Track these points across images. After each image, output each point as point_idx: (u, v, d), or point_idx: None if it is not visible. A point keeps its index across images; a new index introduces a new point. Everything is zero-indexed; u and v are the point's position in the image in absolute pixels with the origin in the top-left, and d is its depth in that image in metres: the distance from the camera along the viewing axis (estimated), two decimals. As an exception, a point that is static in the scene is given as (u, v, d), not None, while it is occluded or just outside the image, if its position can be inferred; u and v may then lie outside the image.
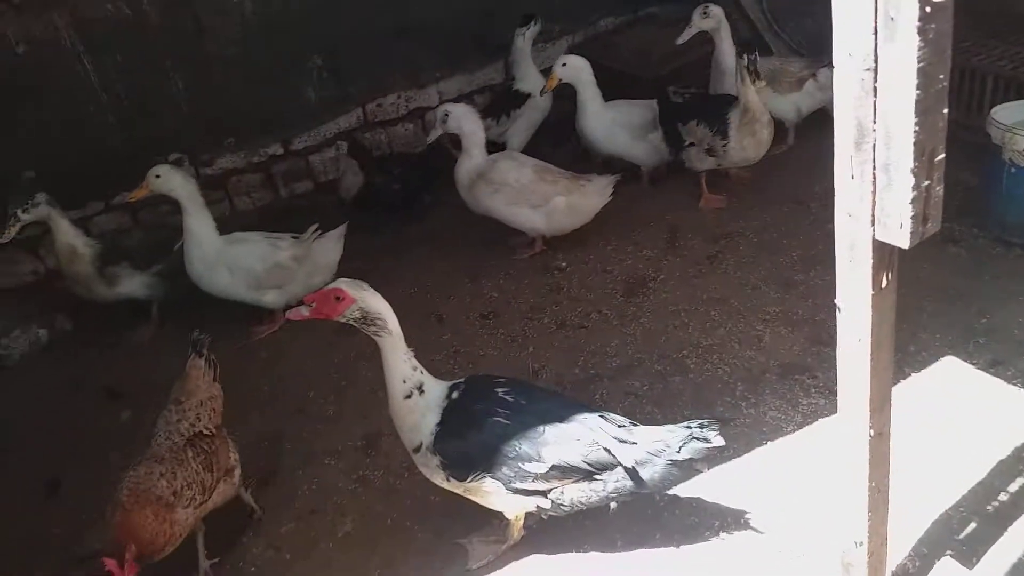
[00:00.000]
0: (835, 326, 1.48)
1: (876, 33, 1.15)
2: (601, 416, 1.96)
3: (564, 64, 3.60)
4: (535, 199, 3.28)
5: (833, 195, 1.35)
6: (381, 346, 1.95)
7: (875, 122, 1.21)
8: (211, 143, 3.85)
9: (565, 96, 3.80)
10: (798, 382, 2.53)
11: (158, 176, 3.04)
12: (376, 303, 1.91)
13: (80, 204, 3.61)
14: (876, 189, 1.27)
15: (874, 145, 1.24)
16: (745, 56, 3.18)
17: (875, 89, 1.19)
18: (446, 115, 3.27)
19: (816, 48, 4.03)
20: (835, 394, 1.55)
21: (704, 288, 3.02)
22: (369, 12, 3.96)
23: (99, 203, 3.67)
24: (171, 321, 3.38)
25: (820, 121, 3.65)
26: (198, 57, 3.68)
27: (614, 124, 3.69)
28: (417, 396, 1.97)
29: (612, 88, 3.99)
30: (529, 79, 4.01)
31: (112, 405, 3.00)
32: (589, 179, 3.34)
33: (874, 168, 1.25)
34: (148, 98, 3.64)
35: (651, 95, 3.74)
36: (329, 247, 3.24)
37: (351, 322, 1.91)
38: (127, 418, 2.93)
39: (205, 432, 2.23)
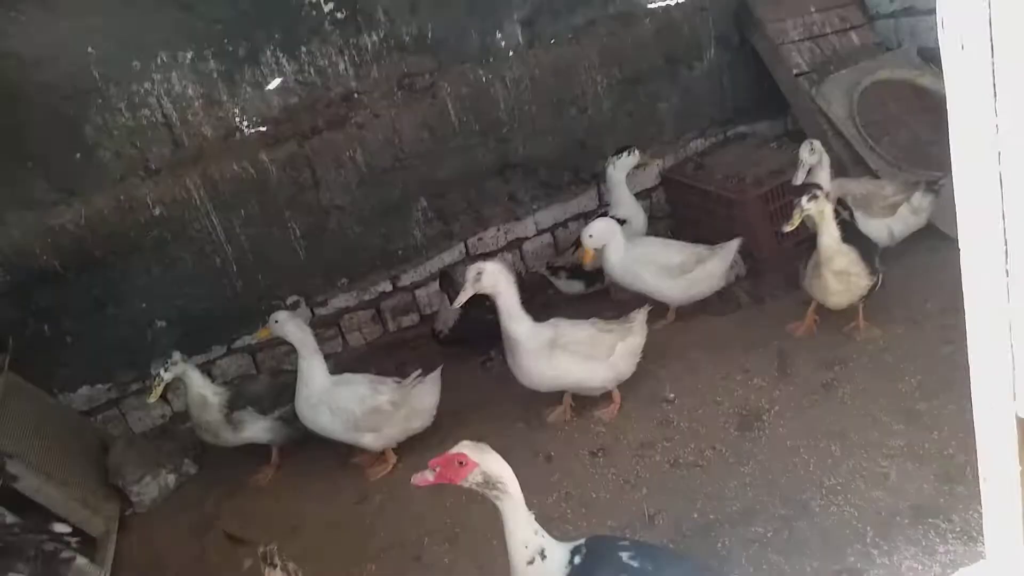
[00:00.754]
0: (967, 460, 1.42)
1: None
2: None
3: (591, 235, 3.61)
4: (600, 352, 3.22)
5: (950, 313, 1.32)
6: (502, 509, 1.96)
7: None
8: (325, 284, 4.08)
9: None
10: (932, 526, 2.38)
11: (276, 321, 3.27)
12: (498, 467, 1.93)
13: (205, 348, 3.85)
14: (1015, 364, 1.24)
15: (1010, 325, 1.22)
16: (805, 196, 3.09)
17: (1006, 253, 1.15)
18: (479, 274, 3.09)
19: (912, 159, 3.99)
20: (973, 540, 1.47)
21: (821, 420, 2.93)
22: (473, 155, 4.19)
23: (222, 347, 3.90)
24: (289, 462, 3.50)
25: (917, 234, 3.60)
26: (314, 207, 3.94)
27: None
28: (539, 561, 1.96)
29: (703, 211, 4.03)
30: (623, 206, 4.11)
31: (234, 551, 3.08)
32: (630, 318, 3.30)
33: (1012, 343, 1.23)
34: (268, 247, 3.90)
35: (746, 218, 3.75)
36: (427, 391, 3.32)
37: (473, 486, 1.94)
38: (248, 567, 3.02)
39: None
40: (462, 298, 3.12)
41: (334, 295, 4.11)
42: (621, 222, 4.07)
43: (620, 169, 4.10)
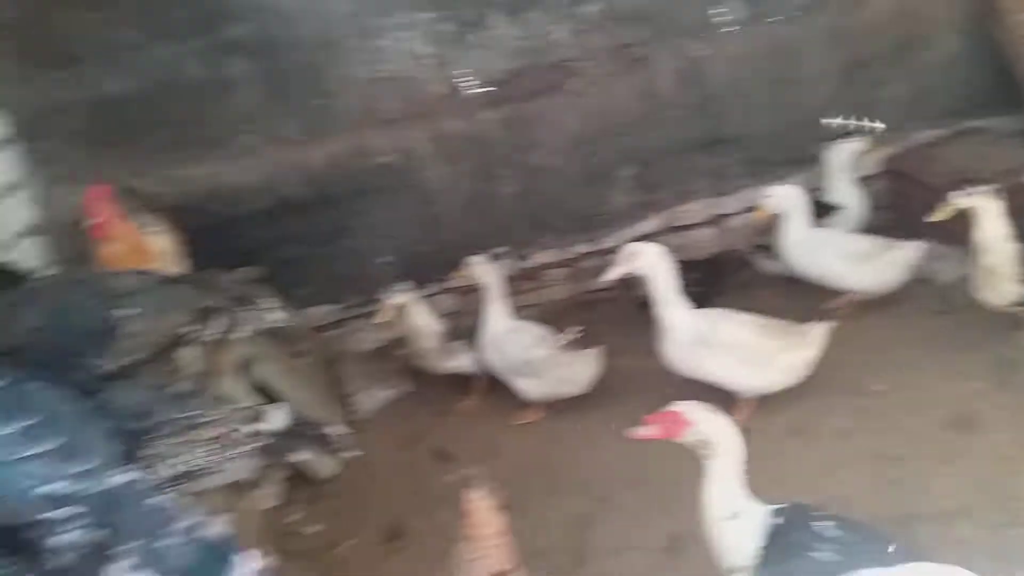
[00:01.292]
0: None
1: None
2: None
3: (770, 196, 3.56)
4: (756, 358, 3.10)
5: None
6: (709, 466, 2.04)
7: None
8: (530, 239, 4.29)
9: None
10: None
11: (469, 265, 3.59)
12: (717, 429, 2.01)
13: (421, 285, 4.14)
14: None
15: None
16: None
17: None
18: (635, 254, 3.08)
19: None
20: None
21: (1045, 433, 2.78)
22: (683, 127, 4.23)
23: (436, 286, 4.20)
24: (494, 393, 3.76)
25: None
26: (526, 166, 4.15)
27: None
28: (737, 519, 2.02)
29: (926, 207, 3.85)
30: (839, 192, 3.99)
31: (441, 465, 3.38)
32: (806, 328, 3.13)
33: None
34: (481, 200, 4.16)
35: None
36: (583, 362, 3.43)
37: (687, 444, 2.03)
38: (450, 481, 3.28)
39: (505, 570, 2.25)
40: (612, 275, 3.17)
41: (537, 250, 4.31)
42: (833, 208, 3.98)
43: (843, 154, 3.99)
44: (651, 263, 3.10)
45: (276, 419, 1.95)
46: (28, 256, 3.64)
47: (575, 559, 2.79)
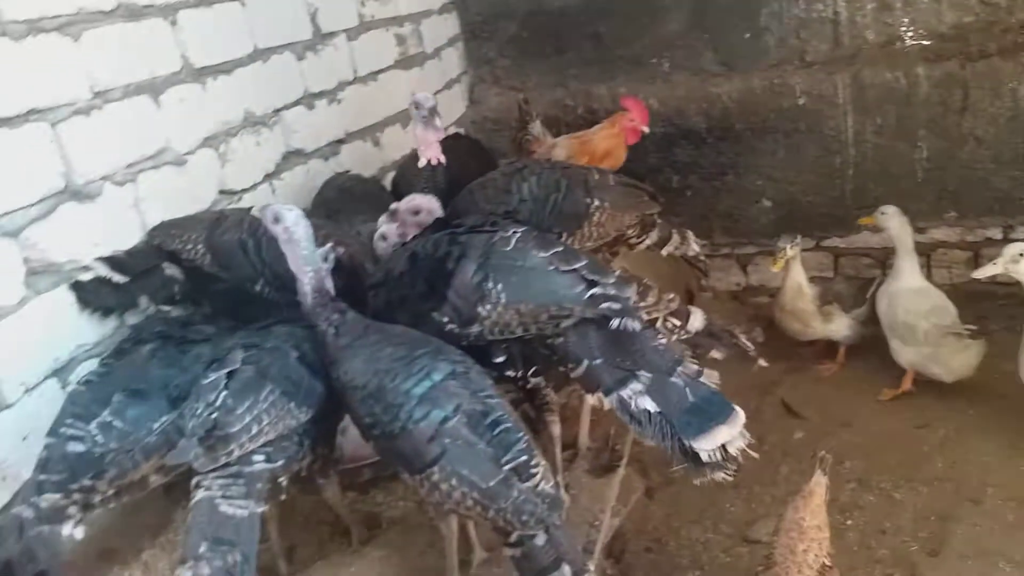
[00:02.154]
0: None
1: None
2: None
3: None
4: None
5: None
6: None
7: None
8: (930, 212, 3.94)
9: None
10: None
11: (883, 213, 3.44)
12: None
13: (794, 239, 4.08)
14: None
15: None
16: None
17: None
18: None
19: None
20: None
21: None
22: None
23: (811, 241, 4.08)
24: (854, 361, 3.66)
25: None
26: (952, 132, 3.78)
27: None
28: None
29: None
30: None
31: (787, 420, 3.37)
32: None
33: None
34: (890, 159, 3.89)
35: None
36: (963, 354, 3.22)
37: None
38: (798, 438, 3.28)
39: (828, 564, 2.08)
40: (984, 272, 3.07)
41: (936, 226, 3.96)
42: None
43: None
44: None
45: (696, 319, 2.09)
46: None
47: (927, 551, 2.66)
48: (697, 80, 4.02)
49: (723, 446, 1.61)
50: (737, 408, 1.66)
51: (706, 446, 1.60)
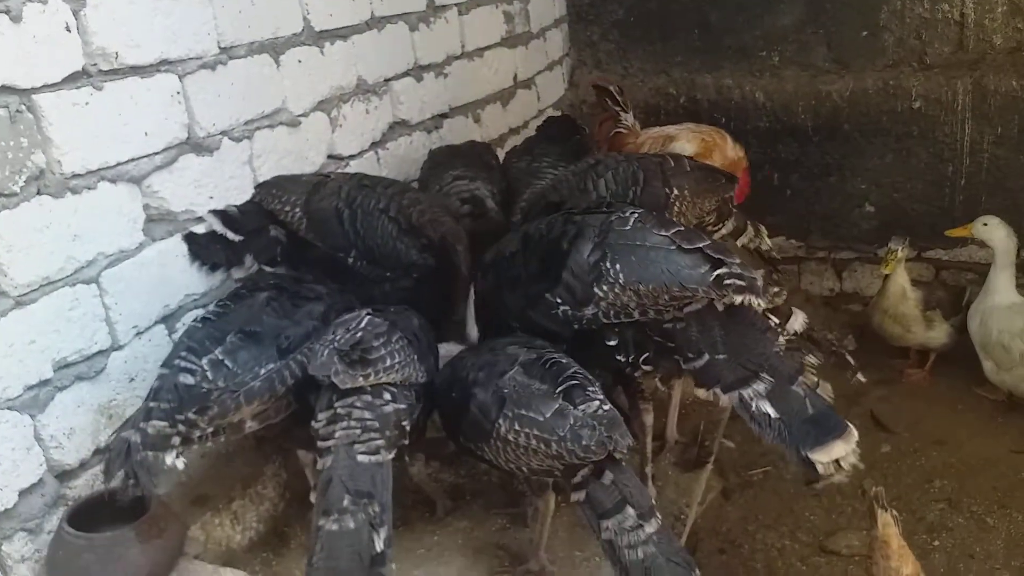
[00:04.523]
0: None
1: None
2: None
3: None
4: None
5: None
6: None
7: None
8: (1045, 230, 3.75)
9: None
10: None
11: (985, 224, 3.28)
12: None
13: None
14: None
15: None
16: None
17: None
18: None
19: None
20: None
21: None
22: None
23: (912, 251, 3.91)
24: (946, 377, 3.52)
25: None
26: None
27: None
28: None
29: None
30: None
31: (875, 434, 3.25)
32: None
33: None
34: (1008, 172, 3.69)
35: None
36: None
37: None
38: (884, 452, 3.16)
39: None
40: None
41: (1046, 245, 3.76)
42: None
43: None
44: None
45: (797, 320, 2.03)
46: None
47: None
48: (807, 76, 3.88)
49: (837, 461, 1.61)
50: (851, 425, 1.65)
51: (823, 459, 1.60)
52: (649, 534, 1.55)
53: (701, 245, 1.69)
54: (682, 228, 1.75)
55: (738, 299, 1.64)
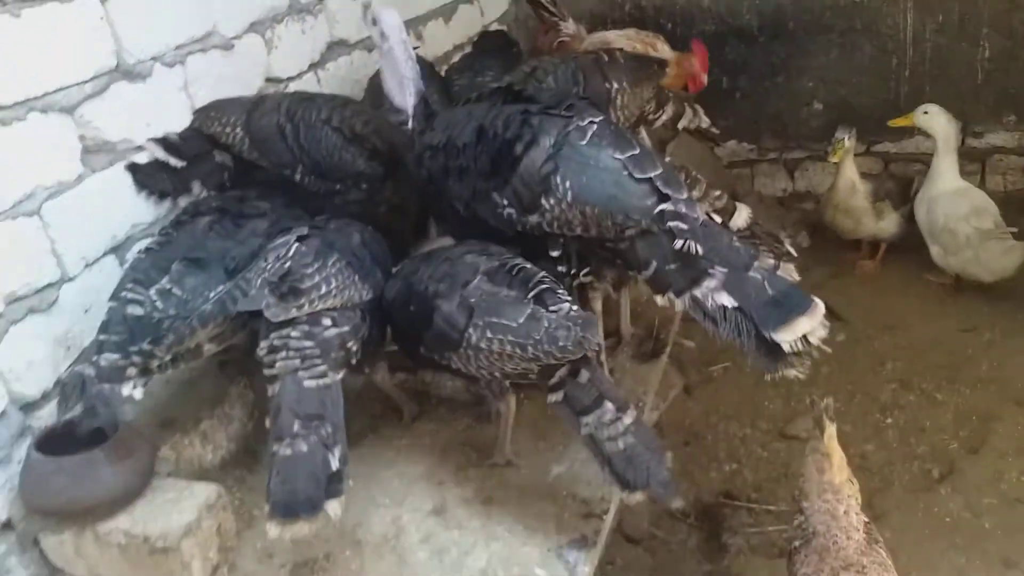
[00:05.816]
0: None
1: None
2: None
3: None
4: None
5: None
6: None
7: None
8: (988, 116, 3.82)
9: None
10: None
11: (926, 112, 3.34)
12: None
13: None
14: None
15: None
16: None
17: None
18: None
19: None
20: None
21: None
22: None
23: (861, 146, 3.97)
24: (896, 265, 3.63)
25: None
26: (1019, 30, 3.61)
27: None
28: None
29: None
30: None
31: (831, 324, 3.33)
32: None
33: None
34: (949, 60, 3.75)
35: None
36: (1006, 256, 3.16)
37: None
38: (841, 340, 3.25)
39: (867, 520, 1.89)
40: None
41: (994, 130, 3.84)
42: None
43: None
44: None
45: (741, 215, 2.06)
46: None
47: (967, 449, 2.69)
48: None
49: (804, 337, 1.59)
50: (817, 300, 1.64)
51: (788, 337, 1.58)
52: (627, 425, 1.61)
53: (652, 175, 1.68)
54: (637, 152, 1.71)
55: (678, 244, 1.65)
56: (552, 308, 1.61)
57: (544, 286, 1.65)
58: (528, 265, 1.71)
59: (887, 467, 2.65)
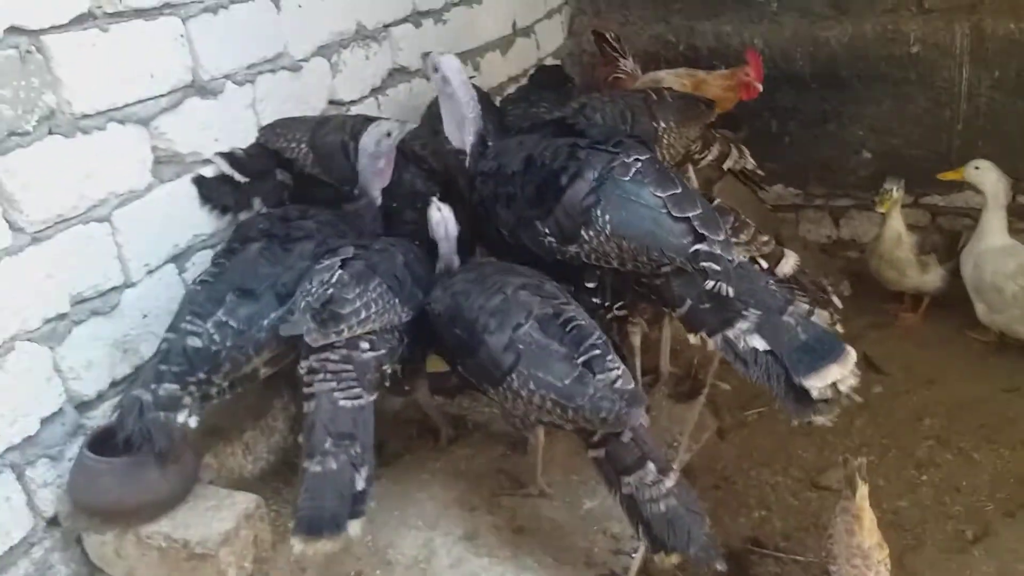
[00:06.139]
0: None
1: None
2: None
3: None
4: None
5: None
6: None
7: None
8: (1042, 175, 3.78)
9: None
10: None
11: (977, 167, 3.31)
12: None
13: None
14: None
15: None
16: None
17: None
18: None
19: None
20: None
21: None
22: None
23: (909, 198, 3.95)
24: (939, 320, 3.59)
25: None
26: (1077, 89, 3.59)
27: None
28: None
29: None
30: None
31: (868, 375, 3.29)
32: None
33: None
34: (1006, 116, 3.71)
35: None
36: None
37: None
38: (878, 392, 3.23)
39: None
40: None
41: (1048, 191, 3.80)
42: None
43: None
44: None
45: (788, 263, 2.07)
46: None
47: (1003, 512, 2.64)
48: (806, 22, 3.88)
49: (834, 384, 1.60)
50: (848, 347, 1.65)
51: (817, 384, 1.60)
52: (669, 488, 1.60)
53: (691, 214, 1.72)
54: (678, 191, 1.75)
55: (709, 284, 1.67)
56: (600, 374, 1.60)
57: (596, 351, 1.64)
58: (583, 321, 1.70)
59: (920, 525, 2.61)
